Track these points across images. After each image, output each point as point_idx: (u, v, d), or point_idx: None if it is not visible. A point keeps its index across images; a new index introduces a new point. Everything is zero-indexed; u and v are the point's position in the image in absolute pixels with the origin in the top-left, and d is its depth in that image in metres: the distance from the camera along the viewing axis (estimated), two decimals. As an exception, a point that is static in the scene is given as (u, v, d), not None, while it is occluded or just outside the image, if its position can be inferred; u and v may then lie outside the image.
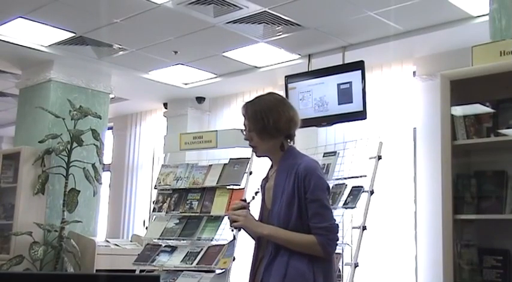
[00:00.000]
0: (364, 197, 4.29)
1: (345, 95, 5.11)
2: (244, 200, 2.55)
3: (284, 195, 2.38)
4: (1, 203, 6.03)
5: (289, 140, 2.53)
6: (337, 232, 2.37)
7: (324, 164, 4.66)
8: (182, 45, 5.62)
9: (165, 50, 5.77)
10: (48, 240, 5.57)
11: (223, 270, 4.36)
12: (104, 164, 6.28)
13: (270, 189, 2.48)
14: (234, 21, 5.00)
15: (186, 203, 4.87)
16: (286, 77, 5.54)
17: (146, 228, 5.16)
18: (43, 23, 5.21)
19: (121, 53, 5.90)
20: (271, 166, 2.56)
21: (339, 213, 4.34)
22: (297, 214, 2.35)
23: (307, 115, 5.31)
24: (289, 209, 2.36)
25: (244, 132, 2.53)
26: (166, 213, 4.96)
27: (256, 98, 2.56)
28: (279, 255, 2.36)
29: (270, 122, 2.44)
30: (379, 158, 4.45)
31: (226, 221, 4.55)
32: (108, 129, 7.52)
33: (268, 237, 2.41)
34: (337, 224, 2.39)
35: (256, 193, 2.63)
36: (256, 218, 2.52)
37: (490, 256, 2.81)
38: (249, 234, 2.56)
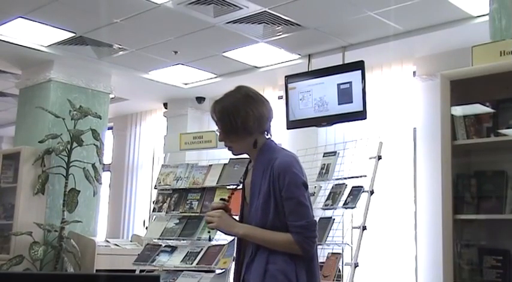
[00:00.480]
0: (364, 197, 4.30)
1: (345, 95, 5.11)
2: (224, 199, 2.47)
3: (261, 194, 2.32)
4: (1, 203, 6.03)
5: (266, 133, 2.43)
6: (314, 230, 2.28)
7: (324, 164, 4.66)
8: (182, 45, 5.62)
9: (165, 50, 5.77)
10: (48, 240, 5.57)
11: (223, 270, 4.36)
12: (104, 164, 6.28)
13: (248, 185, 2.41)
14: (234, 21, 5.00)
15: (186, 203, 4.87)
16: (286, 77, 5.54)
17: (146, 228, 5.16)
18: (43, 23, 5.21)
19: (121, 53, 5.90)
20: (250, 160, 2.49)
21: (339, 213, 4.35)
22: (274, 212, 2.29)
23: (307, 115, 5.32)
24: (266, 207, 2.29)
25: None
26: (166, 213, 4.96)
27: (224, 95, 2.43)
28: (258, 253, 2.31)
29: (237, 122, 2.33)
30: (379, 158, 4.46)
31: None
32: (108, 129, 7.52)
33: (244, 237, 2.37)
34: (315, 221, 2.30)
35: (235, 189, 2.56)
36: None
37: (490, 256, 2.81)
38: (226, 234, 2.51)
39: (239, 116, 2.33)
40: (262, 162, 2.36)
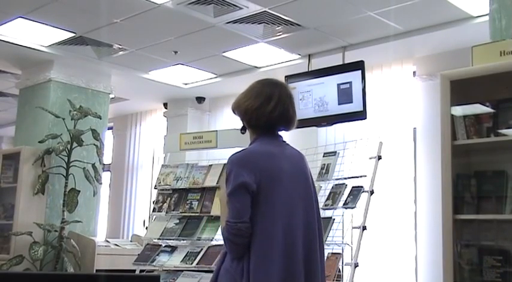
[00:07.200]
0: (364, 197, 4.30)
1: (345, 95, 5.11)
2: None
3: None
4: (1, 203, 6.03)
5: (266, 129, 2.39)
6: (231, 233, 2.18)
7: (324, 164, 4.66)
8: (182, 45, 5.62)
9: (165, 50, 5.77)
10: (48, 240, 5.57)
11: (223, 270, 4.36)
12: (104, 164, 6.28)
13: None
14: (234, 21, 5.00)
15: (186, 203, 4.87)
16: (286, 77, 5.54)
17: (146, 228, 5.17)
18: (43, 23, 5.21)
19: (121, 53, 5.90)
20: None
21: (339, 213, 4.35)
22: None
23: (307, 115, 5.31)
24: None
25: None
26: (166, 213, 4.96)
27: None
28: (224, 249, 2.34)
29: (235, 112, 2.46)
30: (379, 158, 4.45)
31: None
32: (108, 129, 7.53)
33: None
34: (236, 225, 2.17)
35: None
36: None
37: (490, 256, 2.81)
38: None
39: (237, 103, 2.48)
40: None
